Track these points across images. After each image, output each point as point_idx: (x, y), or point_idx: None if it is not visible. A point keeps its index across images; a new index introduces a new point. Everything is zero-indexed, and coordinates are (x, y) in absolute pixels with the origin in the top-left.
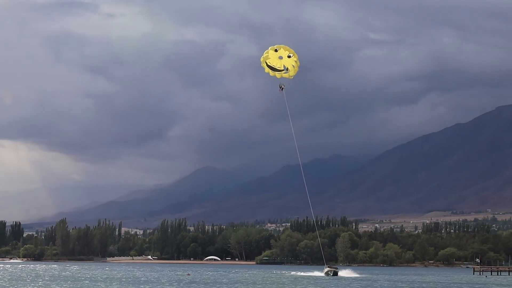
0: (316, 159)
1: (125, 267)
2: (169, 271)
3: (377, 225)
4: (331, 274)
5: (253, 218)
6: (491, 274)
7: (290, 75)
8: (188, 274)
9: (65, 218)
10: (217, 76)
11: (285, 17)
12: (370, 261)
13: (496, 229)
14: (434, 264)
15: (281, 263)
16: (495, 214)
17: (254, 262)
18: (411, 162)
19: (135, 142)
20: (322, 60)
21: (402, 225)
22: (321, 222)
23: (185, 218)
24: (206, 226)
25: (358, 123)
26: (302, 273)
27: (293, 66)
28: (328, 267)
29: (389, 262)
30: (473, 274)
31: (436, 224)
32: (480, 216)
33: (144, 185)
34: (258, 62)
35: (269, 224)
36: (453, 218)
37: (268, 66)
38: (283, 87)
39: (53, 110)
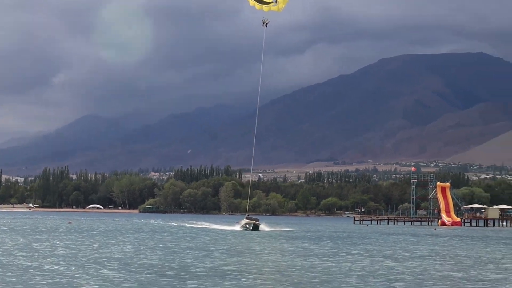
0: (201, 107)
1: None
2: (49, 219)
3: (260, 174)
4: (250, 228)
5: (137, 167)
6: (371, 223)
7: (280, 7)
8: (69, 222)
9: None
10: (104, 23)
11: None
12: (253, 210)
13: (376, 180)
14: (316, 214)
15: (164, 211)
16: (376, 164)
17: (137, 211)
18: (295, 113)
19: (18, 88)
20: (210, 9)
21: (285, 175)
22: (205, 171)
23: (67, 166)
24: (89, 175)
25: (244, 73)
26: (214, 226)
27: None
28: (246, 218)
29: (272, 211)
30: (354, 223)
31: (319, 174)
32: (361, 167)
33: (26, 132)
34: (145, 11)
35: (152, 173)
36: (335, 169)
37: None
38: (267, 22)
39: None
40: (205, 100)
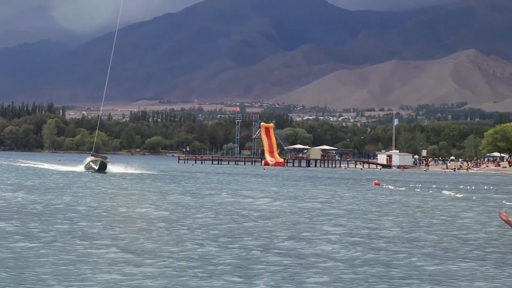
0: (24, 43)
1: None
2: None
3: (84, 112)
4: (96, 168)
5: None
6: (196, 163)
7: None
8: None
9: None
10: None
11: None
12: (77, 148)
13: (202, 119)
14: (141, 153)
15: None
16: (201, 104)
17: None
18: (121, 50)
19: None
20: None
21: (110, 113)
22: (27, 108)
23: None
24: None
25: (70, 9)
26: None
27: None
28: (92, 156)
29: (96, 149)
30: (178, 162)
31: (144, 113)
32: (187, 106)
33: None
34: None
35: None
36: (161, 107)
37: None
38: None
39: None
40: (29, 35)
